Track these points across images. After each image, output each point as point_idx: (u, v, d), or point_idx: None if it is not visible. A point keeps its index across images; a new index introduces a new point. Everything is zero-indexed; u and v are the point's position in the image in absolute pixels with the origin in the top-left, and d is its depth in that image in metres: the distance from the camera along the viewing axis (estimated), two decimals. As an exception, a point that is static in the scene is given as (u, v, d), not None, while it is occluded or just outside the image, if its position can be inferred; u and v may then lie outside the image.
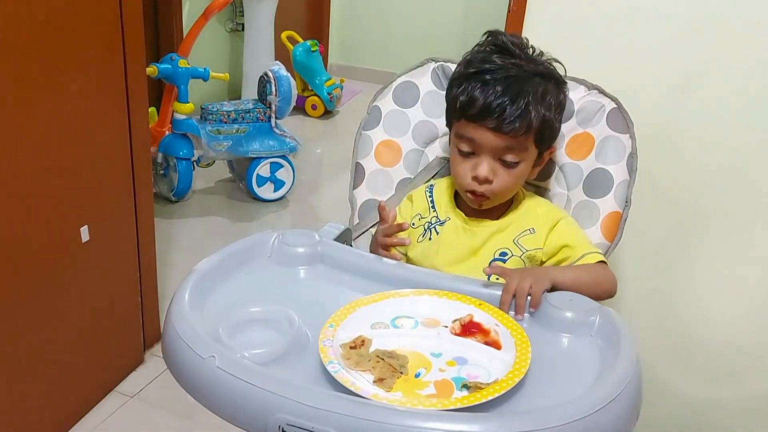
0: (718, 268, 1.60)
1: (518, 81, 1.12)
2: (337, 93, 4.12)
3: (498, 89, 1.11)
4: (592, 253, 1.17)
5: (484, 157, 1.14)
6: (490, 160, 1.14)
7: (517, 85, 1.12)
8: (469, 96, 1.13)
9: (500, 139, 1.12)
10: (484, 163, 1.14)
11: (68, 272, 1.73)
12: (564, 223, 1.21)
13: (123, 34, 1.74)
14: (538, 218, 1.21)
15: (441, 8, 4.48)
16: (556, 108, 1.17)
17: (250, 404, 0.81)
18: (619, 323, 0.96)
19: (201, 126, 2.91)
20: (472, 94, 1.13)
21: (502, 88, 1.11)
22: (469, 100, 1.13)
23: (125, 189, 1.88)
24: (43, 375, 1.72)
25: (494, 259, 1.20)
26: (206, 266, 1.05)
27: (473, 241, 1.21)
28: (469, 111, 1.13)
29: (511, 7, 1.54)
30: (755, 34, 1.42)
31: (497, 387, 0.84)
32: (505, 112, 1.10)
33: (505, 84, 1.11)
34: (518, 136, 1.12)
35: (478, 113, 1.12)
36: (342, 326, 0.96)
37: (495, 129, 1.11)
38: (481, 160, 1.14)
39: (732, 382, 1.68)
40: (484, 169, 1.14)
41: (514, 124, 1.10)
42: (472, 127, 1.13)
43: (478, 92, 1.12)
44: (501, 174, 1.15)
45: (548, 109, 1.14)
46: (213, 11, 2.97)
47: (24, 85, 1.49)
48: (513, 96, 1.11)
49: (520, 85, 1.12)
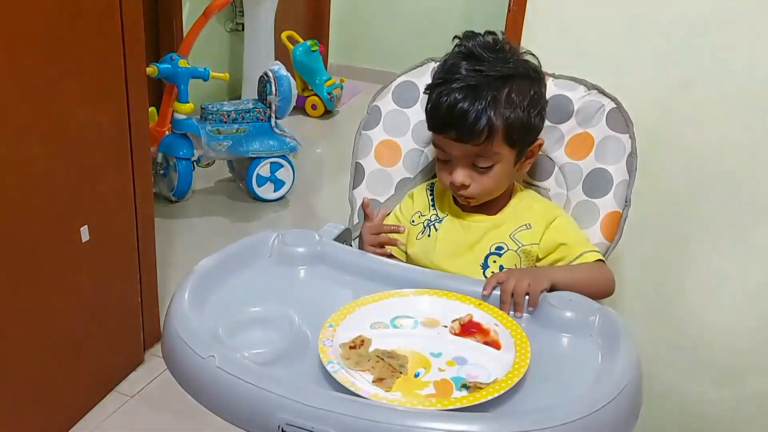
0: (718, 268, 1.60)
1: (476, 89, 1.12)
2: (337, 93, 4.12)
3: (457, 97, 1.12)
4: (590, 251, 1.17)
5: (457, 164, 1.17)
6: (462, 168, 1.16)
7: (474, 93, 1.12)
8: (432, 107, 1.17)
9: (465, 148, 1.14)
10: (458, 170, 1.17)
11: (68, 272, 1.73)
12: (561, 220, 1.21)
13: (123, 34, 1.74)
14: (535, 214, 1.21)
15: (441, 8, 4.48)
16: (529, 104, 1.15)
17: (249, 404, 0.81)
18: (619, 323, 0.96)
19: (201, 126, 2.91)
20: (435, 104, 1.16)
21: (460, 96, 1.12)
22: (431, 111, 1.17)
23: (125, 189, 1.88)
24: (43, 375, 1.72)
25: (490, 254, 1.20)
26: (206, 266, 1.05)
27: (469, 236, 1.21)
28: (434, 122, 1.17)
29: (511, 7, 1.54)
30: (755, 33, 1.42)
31: (497, 387, 0.84)
32: (464, 122, 1.11)
33: (462, 93, 1.12)
34: (481, 143, 1.13)
35: (440, 125, 1.15)
36: (342, 326, 0.96)
37: (457, 140, 1.13)
38: (455, 168, 1.17)
39: (732, 382, 1.68)
40: (458, 176, 1.16)
41: (472, 134, 1.12)
42: (439, 139, 1.17)
43: (437, 104, 1.15)
44: (476, 178, 1.17)
45: (513, 109, 1.13)
46: (213, 11, 2.97)
47: (24, 85, 1.49)
48: (469, 104, 1.11)
49: (477, 92, 1.12)
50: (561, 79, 1.30)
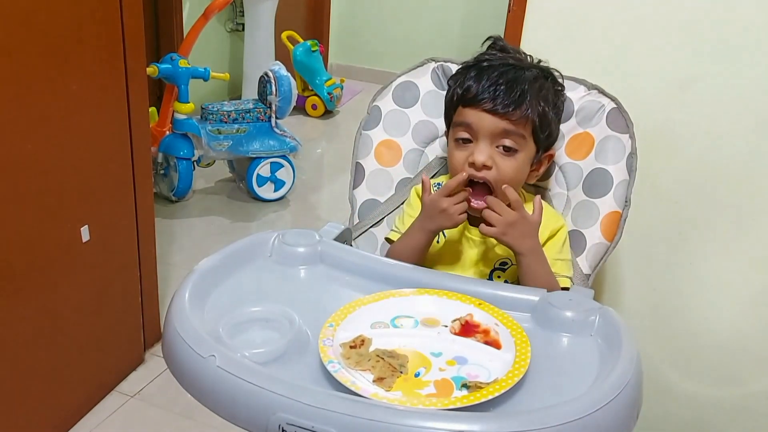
0: (718, 268, 1.60)
1: (515, 68, 1.15)
2: (337, 93, 4.13)
3: (494, 75, 1.14)
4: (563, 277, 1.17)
5: (481, 142, 1.14)
6: (487, 146, 1.14)
7: (513, 72, 1.14)
8: (465, 85, 1.16)
9: (497, 121, 1.12)
10: (481, 147, 1.14)
11: (68, 272, 1.73)
12: (561, 233, 1.21)
13: (123, 34, 1.74)
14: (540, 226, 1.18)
15: (441, 8, 4.49)
16: (554, 106, 1.19)
17: (250, 404, 0.81)
18: (619, 323, 0.96)
19: (201, 126, 2.91)
20: (467, 83, 1.15)
21: (497, 73, 1.14)
22: (466, 87, 1.16)
23: (125, 189, 1.88)
24: (43, 375, 1.72)
25: (494, 269, 1.20)
26: (206, 266, 1.05)
27: (474, 251, 1.20)
28: (466, 96, 1.15)
29: (511, 7, 1.54)
30: (755, 33, 1.42)
31: (497, 386, 0.84)
32: (501, 95, 1.12)
33: (501, 69, 1.14)
34: (515, 119, 1.12)
35: (474, 96, 1.14)
36: (342, 326, 0.96)
37: (491, 110, 1.12)
38: (478, 146, 1.14)
39: (732, 381, 1.68)
40: (481, 154, 1.13)
41: (509, 107, 1.12)
42: (469, 111, 1.15)
43: (473, 81, 1.15)
44: (499, 162, 1.14)
45: (546, 103, 1.16)
46: (213, 11, 2.97)
47: (24, 85, 1.49)
48: (509, 80, 1.13)
49: (516, 71, 1.15)
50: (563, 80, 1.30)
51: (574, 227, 1.25)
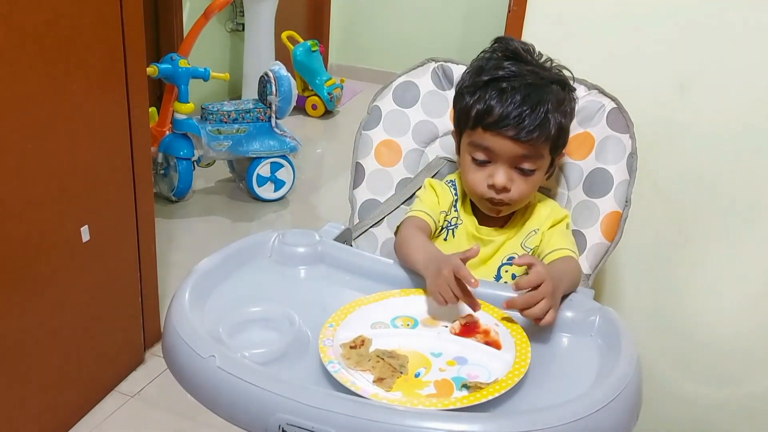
0: (718, 268, 1.60)
1: (536, 89, 1.11)
2: (337, 93, 4.12)
3: (517, 98, 1.10)
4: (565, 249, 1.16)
5: (501, 165, 1.13)
6: (506, 168, 1.13)
7: (537, 94, 1.11)
8: (486, 104, 1.11)
9: (518, 148, 1.11)
10: (501, 171, 1.13)
11: (68, 272, 1.73)
12: (563, 224, 1.21)
13: (123, 34, 1.74)
14: (542, 219, 1.21)
15: (441, 8, 4.48)
16: (571, 115, 1.19)
17: (250, 404, 0.81)
18: (619, 323, 0.96)
19: (201, 126, 2.91)
20: (489, 103, 1.11)
21: (521, 96, 1.10)
22: (486, 108, 1.11)
23: (125, 189, 1.88)
24: (43, 375, 1.72)
25: (502, 264, 1.20)
26: (207, 266, 1.05)
27: (484, 249, 1.20)
28: (487, 120, 1.11)
29: (511, 7, 1.54)
30: (755, 33, 1.42)
31: (497, 387, 0.84)
32: (525, 122, 1.09)
33: (524, 92, 1.10)
34: (537, 144, 1.11)
35: (496, 122, 1.10)
36: (342, 326, 0.96)
37: (514, 138, 1.10)
38: (497, 169, 1.13)
39: (732, 382, 1.68)
40: (501, 177, 1.13)
41: (533, 133, 1.09)
42: (490, 136, 1.12)
43: (495, 101, 1.11)
44: (517, 181, 1.14)
45: (564, 116, 1.15)
46: (213, 11, 2.97)
47: (24, 85, 1.49)
48: (533, 104, 1.10)
49: (539, 93, 1.11)
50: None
51: (574, 227, 1.25)
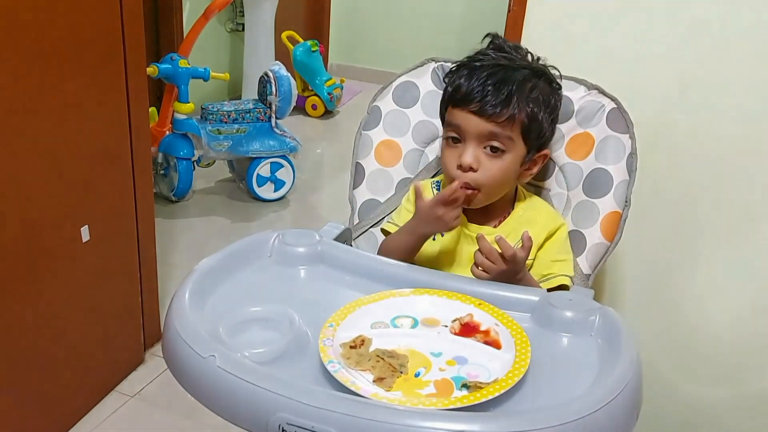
0: (718, 268, 1.60)
1: (504, 69, 1.15)
2: (337, 93, 4.12)
3: (483, 75, 1.14)
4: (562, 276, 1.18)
5: (469, 143, 1.15)
6: (474, 147, 1.15)
7: (503, 73, 1.14)
8: (456, 83, 1.16)
9: (484, 124, 1.13)
10: (468, 149, 1.15)
11: (68, 272, 1.73)
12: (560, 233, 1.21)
13: (123, 34, 1.74)
14: (537, 229, 1.19)
15: (441, 8, 4.48)
16: (546, 106, 1.17)
17: (250, 404, 0.81)
18: (619, 323, 0.96)
19: (201, 126, 2.91)
20: (458, 81, 1.16)
21: (486, 74, 1.14)
22: (456, 86, 1.16)
23: (125, 189, 1.88)
24: (43, 375, 1.72)
25: None
26: (207, 266, 1.05)
27: (472, 248, 1.18)
28: (455, 96, 1.16)
29: (511, 6, 1.54)
30: (755, 33, 1.42)
31: (497, 386, 0.84)
32: (488, 97, 1.12)
33: (490, 71, 1.14)
34: (501, 121, 1.12)
35: (462, 97, 1.14)
36: (342, 326, 0.96)
37: (478, 112, 1.13)
38: (466, 148, 1.15)
39: (732, 381, 1.68)
40: (467, 156, 1.14)
41: (496, 108, 1.12)
42: (457, 112, 1.15)
43: (464, 79, 1.15)
44: (485, 163, 1.14)
45: (536, 104, 1.15)
46: (213, 11, 2.97)
47: (24, 85, 1.49)
48: (497, 81, 1.13)
49: (505, 72, 1.14)
50: (561, 79, 1.30)
51: (574, 227, 1.25)
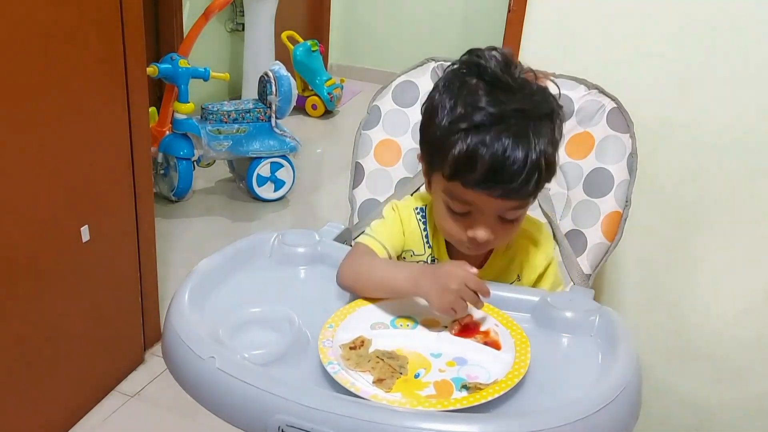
0: (718, 268, 1.60)
1: (524, 135, 0.92)
2: (337, 93, 4.12)
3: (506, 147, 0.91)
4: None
5: (485, 218, 0.98)
6: (490, 222, 0.99)
7: (525, 144, 0.92)
8: (466, 157, 0.93)
9: (505, 204, 0.97)
10: (483, 225, 0.99)
11: (68, 272, 1.73)
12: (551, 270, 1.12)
13: (123, 34, 1.74)
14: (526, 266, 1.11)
15: (441, 8, 4.48)
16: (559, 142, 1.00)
17: (250, 405, 0.81)
18: (619, 323, 0.96)
19: (201, 126, 2.91)
20: (470, 155, 0.92)
21: (508, 145, 0.91)
22: (468, 161, 0.93)
23: (125, 189, 1.88)
24: (43, 375, 1.72)
25: None
26: (206, 266, 1.05)
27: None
28: (468, 177, 0.94)
29: (511, 7, 1.54)
30: (755, 33, 1.42)
31: (497, 387, 0.84)
32: (514, 180, 0.92)
33: (511, 142, 0.91)
34: (528, 197, 0.98)
35: (482, 180, 0.93)
36: (342, 327, 0.96)
37: (503, 196, 0.95)
38: (478, 222, 0.99)
39: (732, 382, 1.68)
40: (483, 233, 0.99)
41: (523, 191, 0.94)
42: (470, 193, 0.95)
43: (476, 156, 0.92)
44: (499, 231, 1.00)
45: (554, 148, 0.97)
46: (213, 11, 2.97)
47: (24, 85, 1.49)
48: (522, 158, 0.92)
49: (527, 141, 0.92)
50: (561, 78, 1.30)
51: (574, 227, 1.25)
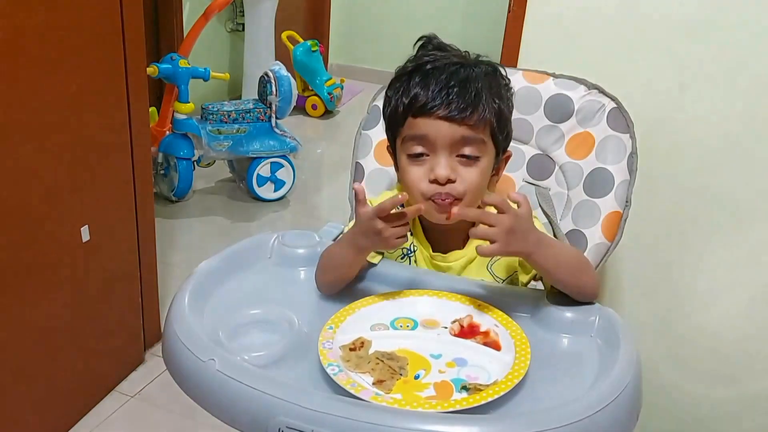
0: (718, 268, 1.60)
1: (463, 67, 1.03)
2: (338, 93, 4.12)
3: (442, 77, 1.02)
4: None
5: (440, 154, 1.02)
6: (446, 157, 1.02)
7: (463, 71, 1.03)
8: (411, 92, 1.03)
9: (455, 128, 1.01)
10: (441, 160, 1.02)
11: (68, 272, 1.73)
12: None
13: (123, 34, 1.74)
14: None
15: (441, 8, 4.48)
16: (508, 101, 1.08)
17: (250, 407, 0.81)
18: (619, 323, 0.96)
19: (201, 126, 2.91)
20: (414, 90, 1.03)
21: (446, 74, 1.02)
22: (413, 95, 1.02)
23: (125, 189, 1.88)
24: (43, 375, 1.72)
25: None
26: (206, 268, 1.05)
27: None
28: (415, 105, 1.02)
29: (511, 7, 1.54)
30: (755, 33, 1.42)
31: (496, 388, 0.84)
32: (455, 98, 1.00)
33: (449, 70, 1.02)
34: (473, 123, 1.01)
35: (424, 104, 1.01)
36: (341, 328, 0.96)
37: (447, 117, 1.00)
38: (437, 159, 1.02)
39: (732, 381, 1.68)
40: (442, 168, 1.01)
41: (466, 111, 1.00)
42: (421, 122, 1.02)
43: (420, 85, 1.02)
44: (462, 173, 1.03)
45: (500, 100, 1.05)
46: (213, 11, 2.97)
47: (24, 85, 1.49)
48: (461, 80, 1.01)
49: (465, 70, 1.03)
50: (561, 78, 1.30)
51: (574, 227, 1.25)
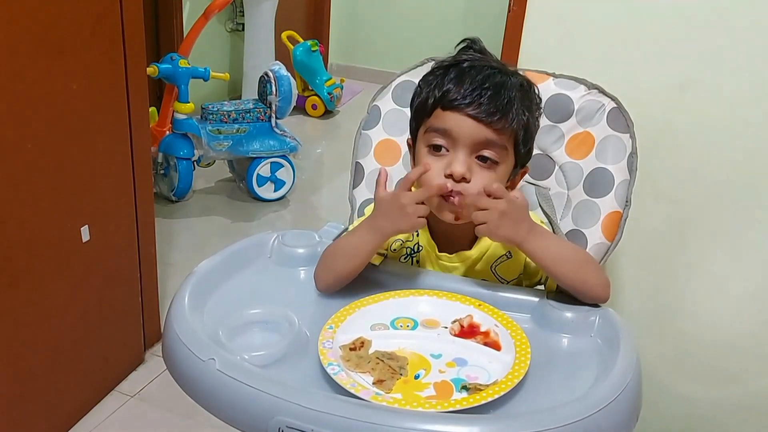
0: (718, 268, 1.60)
1: (500, 73, 1.05)
2: (337, 93, 4.12)
3: (478, 78, 1.03)
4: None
5: (460, 151, 1.03)
6: (466, 155, 1.03)
7: (500, 77, 1.04)
8: (445, 86, 1.04)
9: (480, 129, 1.01)
10: (460, 157, 1.02)
11: (68, 272, 1.73)
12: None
13: (123, 34, 1.74)
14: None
15: (441, 8, 4.48)
16: (535, 117, 1.09)
17: (250, 407, 0.81)
18: (619, 323, 0.96)
19: (201, 126, 2.91)
20: (448, 85, 1.03)
21: (482, 76, 1.03)
22: (446, 89, 1.03)
23: (125, 189, 1.88)
24: (43, 375, 1.72)
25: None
26: (206, 267, 1.05)
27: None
28: (446, 98, 1.03)
29: (511, 7, 1.54)
30: (755, 33, 1.42)
31: (496, 388, 0.84)
32: (487, 100, 1.01)
33: (486, 73, 1.04)
34: (500, 128, 1.02)
35: (456, 99, 1.02)
36: (341, 328, 0.96)
37: (476, 116, 1.01)
38: (456, 155, 1.03)
39: (732, 382, 1.68)
40: (460, 165, 1.02)
41: (495, 115, 1.01)
42: (449, 115, 1.03)
43: (454, 82, 1.03)
44: (477, 174, 1.03)
45: (530, 114, 1.06)
46: (213, 11, 2.97)
47: (24, 84, 1.49)
48: (495, 84, 1.02)
49: (502, 77, 1.04)
50: (561, 78, 1.30)
51: (574, 227, 1.25)
